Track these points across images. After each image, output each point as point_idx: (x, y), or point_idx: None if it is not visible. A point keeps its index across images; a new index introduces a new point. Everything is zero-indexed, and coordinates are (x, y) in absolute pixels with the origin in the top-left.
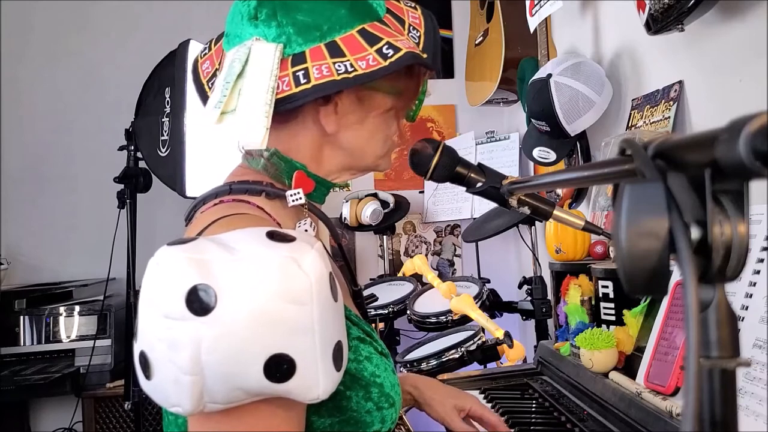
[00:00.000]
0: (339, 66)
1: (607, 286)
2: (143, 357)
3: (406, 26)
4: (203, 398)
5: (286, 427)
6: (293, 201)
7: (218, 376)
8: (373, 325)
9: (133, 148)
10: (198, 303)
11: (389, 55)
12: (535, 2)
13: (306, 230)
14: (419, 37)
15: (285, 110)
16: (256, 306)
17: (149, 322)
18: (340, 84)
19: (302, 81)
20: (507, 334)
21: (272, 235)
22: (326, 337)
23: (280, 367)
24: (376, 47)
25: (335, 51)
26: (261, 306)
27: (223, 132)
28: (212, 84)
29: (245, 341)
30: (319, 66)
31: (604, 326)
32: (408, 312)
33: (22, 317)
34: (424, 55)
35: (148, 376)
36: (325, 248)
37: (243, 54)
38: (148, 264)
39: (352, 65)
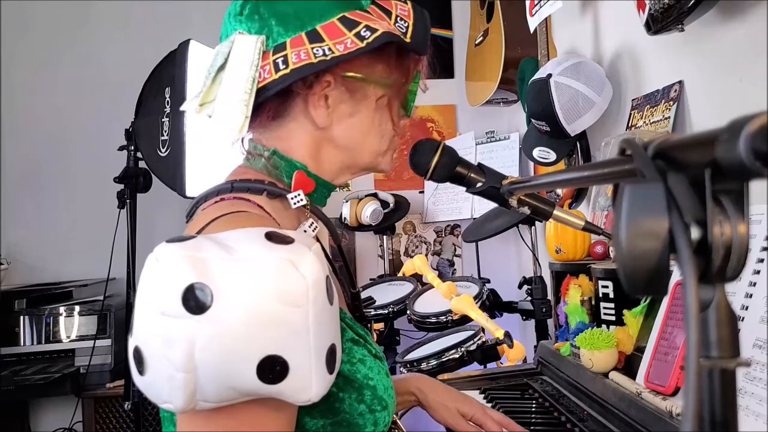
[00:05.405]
0: (317, 50)
1: (607, 286)
2: (137, 352)
3: (393, 17)
4: (195, 396)
5: (275, 428)
6: (294, 203)
7: (211, 375)
8: (369, 326)
9: (133, 148)
10: (194, 301)
11: (366, 36)
12: (535, 2)
13: (305, 231)
14: (407, 27)
15: (278, 107)
16: (251, 307)
17: (145, 317)
18: (317, 66)
19: (281, 67)
20: (507, 334)
21: (270, 236)
22: (320, 340)
23: (273, 369)
24: (354, 31)
25: (315, 37)
26: (257, 307)
27: (204, 122)
28: None
29: (239, 341)
30: (298, 52)
31: (604, 326)
32: (408, 312)
33: (22, 317)
34: (408, 40)
35: (141, 372)
36: (324, 250)
37: (226, 47)
38: (147, 259)
39: (330, 49)
